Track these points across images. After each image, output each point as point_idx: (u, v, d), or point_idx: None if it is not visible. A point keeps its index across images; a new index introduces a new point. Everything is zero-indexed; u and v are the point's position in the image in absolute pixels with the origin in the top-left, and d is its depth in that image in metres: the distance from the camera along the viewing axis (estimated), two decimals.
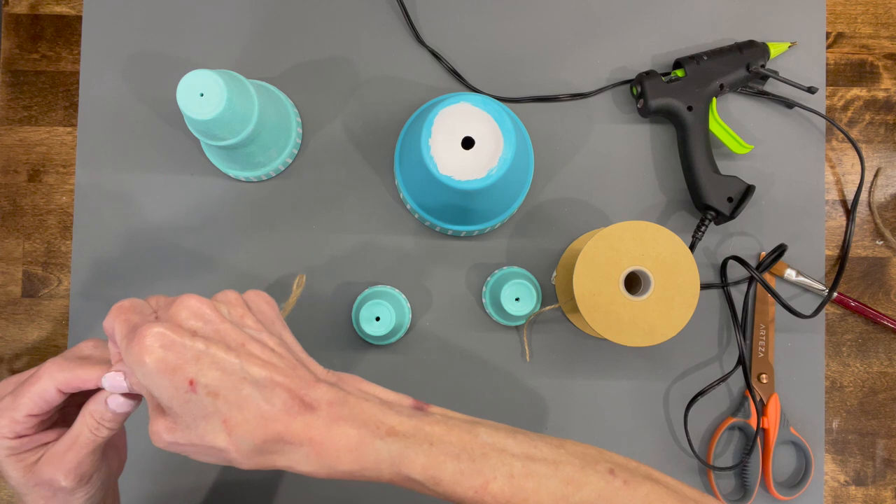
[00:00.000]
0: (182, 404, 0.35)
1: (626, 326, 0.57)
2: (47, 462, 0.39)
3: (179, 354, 0.35)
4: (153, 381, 0.35)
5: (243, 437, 0.35)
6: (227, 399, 0.35)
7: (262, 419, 0.35)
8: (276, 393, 0.36)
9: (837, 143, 0.69)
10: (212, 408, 0.35)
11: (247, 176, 0.65)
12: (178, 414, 0.35)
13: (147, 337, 0.35)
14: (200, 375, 0.35)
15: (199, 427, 0.35)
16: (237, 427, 0.35)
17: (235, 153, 0.60)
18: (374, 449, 0.36)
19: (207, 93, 0.53)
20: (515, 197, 0.64)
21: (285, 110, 0.64)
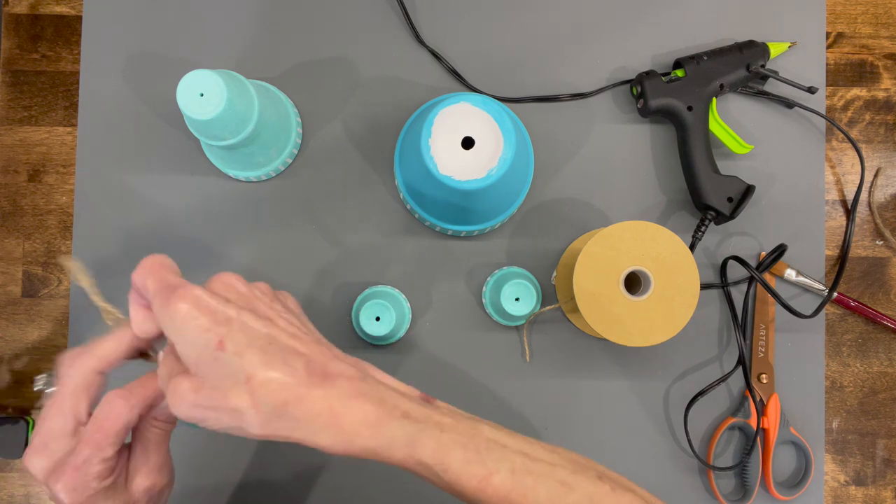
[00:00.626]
0: (209, 362, 0.36)
1: (626, 326, 0.57)
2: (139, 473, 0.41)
3: (212, 316, 0.36)
4: (185, 336, 0.36)
5: (265, 397, 0.35)
6: (252, 360, 0.36)
7: (284, 383, 0.36)
8: (299, 360, 0.37)
9: (837, 143, 0.69)
10: (237, 366, 0.36)
11: (247, 176, 0.65)
12: (205, 373, 0.36)
13: (185, 297, 0.36)
14: (229, 337, 0.36)
15: (224, 386, 0.36)
16: (260, 387, 0.35)
17: (235, 153, 0.60)
18: (390, 428, 0.37)
19: (207, 93, 0.53)
20: (515, 197, 0.64)
21: (285, 110, 0.64)
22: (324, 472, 0.65)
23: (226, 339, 0.36)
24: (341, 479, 0.65)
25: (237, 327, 0.36)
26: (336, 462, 0.65)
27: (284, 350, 0.37)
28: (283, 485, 0.65)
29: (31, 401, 0.66)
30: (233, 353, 0.36)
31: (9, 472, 0.66)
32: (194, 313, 0.36)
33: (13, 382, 0.66)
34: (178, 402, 0.36)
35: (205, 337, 0.36)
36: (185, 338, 0.36)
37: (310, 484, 0.65)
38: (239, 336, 0.36)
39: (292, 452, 0.65)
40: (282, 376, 0.36)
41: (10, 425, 0.64)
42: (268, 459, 0.65)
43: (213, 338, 0.36)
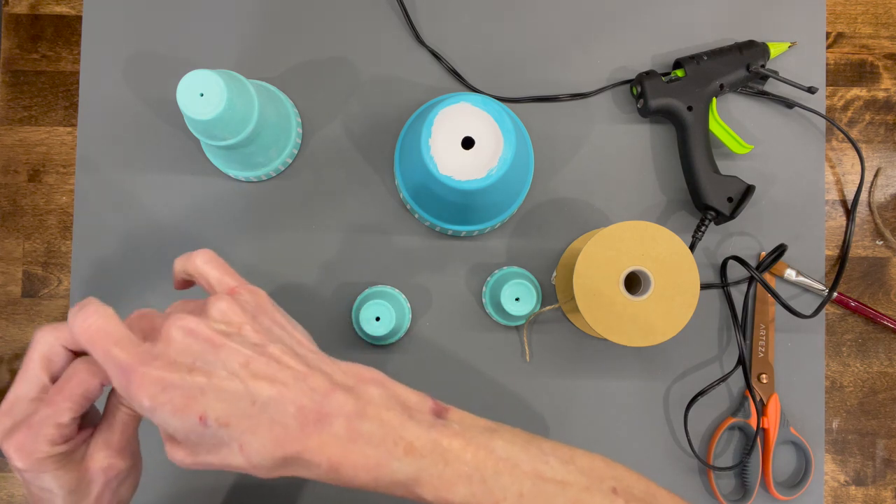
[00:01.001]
0: (197, 437, 0.35)
1: (626, 326, 0.57)
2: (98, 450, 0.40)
3: (183, 393, 0.34)
4: (164, 420, 0.35)
5: (260, 459, 0.35)
6: (238, 426, 0.34)
7: (275, 443, 0.35)
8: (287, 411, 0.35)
9: (837, 143, 0.69)
10: (227, 437, 0.35)
11: (247, 176, 0.65)
12: (196, 444, 0.35)
13: (145, 383, 0.34)
14: (209, 409, 0.34)
15: (220, 453, 0.35)
16: (253, 451, 0.34)
17: (235, 153, 0.60)
18: (390, 470, 0.36)
19: (207, 93, 0.53)
20: (515, 197, 0.64)
21: (285, 110, 0.64)
22: None
23: (206, 414, 0.34)
24: None
25: (212, 396, 0.34)
26: None
27: (269, 406, 0.35)
28: (279, 484, 0.65)
29: None
30: (217, 426, 0.34)
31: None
32: (163, 398, 0.34)
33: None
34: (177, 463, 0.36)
35: (184, 417, 0.34)
36: (164, 421, 0.35)
37: (306, 484, 0.65)
38: (217, 405, 0.34)
39: None
40: (272, 438, 0.34)
41: None
42: None
43: (191, 417, 0.34)
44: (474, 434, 0.38)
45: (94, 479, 0.40)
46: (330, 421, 0.35)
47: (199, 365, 0.35)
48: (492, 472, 0.37)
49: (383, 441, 0.36)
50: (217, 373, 0.35)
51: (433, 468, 0.36)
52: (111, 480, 0.40)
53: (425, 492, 0.36)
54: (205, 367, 0.35)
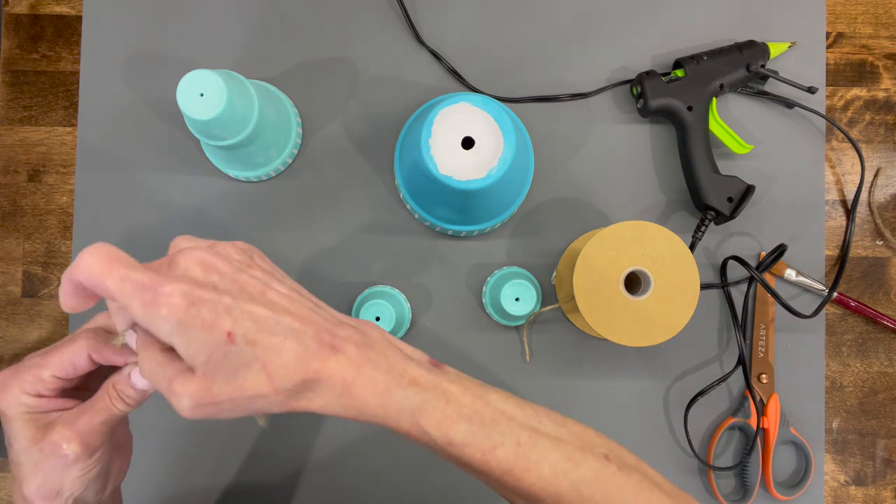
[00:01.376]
0: (221, 357, 0.34)
1: (626, 326, 0.57)
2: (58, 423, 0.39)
3: (210, 307, 0.34)
4: (190, 338, 0.34)
5: (283, 379, 0.34)
6: (264, 346, 0.34)
7: (298, 361, 0.35)
8: (307, 335, 0.35)
9: (837, 143, 0.69)
10: (251, 356, 0.34)
11: (247, 176, 0.65)
12: (216, 368, 0.34)
13: (174, 296, 0.34)
14: (237, 327, 0.34)
15: (239, 377, 0.34)
16: (277, 371, 0.34)
17: (235, 153, 0.60)
18: (397, 397, 0.36)
19: (207, 93, 0.53)
20: (515, 197, 0.64)
21: (285, 110, 0.64)
22: (316, 473, 0.65)
23: (234, 330, 0.34)
24: (335, 480, 0.65)
25: (239, 314, 0.34)
26: (330, 462, 0.65)
27: (290, 328, 0.35)
28: (273, 486, 0.65)
29: None
30: (244, 343, 0.34)
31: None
32: (192, 311, 0.34)
33: None
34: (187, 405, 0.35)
35: (211, 334, 0.34)
36: (189, 339, 0.34)
37: (302, 485, 0.65)
38: (245, 324, 0.34)
39: (284, 453, 0.65)
40: (296, 356, 0.35)
41: None
42: (259, 461, 0.65)
43: (219, 333, 0.34)
44: (470, 385, 0.39)
45: (44, 450, 0.39)
46: (343, 346, 0.36)
47: (223, 289, 0.35)
48: (490, 419, 0.38)
49: (390, 370, 0.37)
50: (241, 297, 0.35)
51: (436, 402, 0.37)
52: (57, 461, 0.39)
53: (429, 423, 0.37)
54: (228, 291, 0.35)
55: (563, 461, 0.38)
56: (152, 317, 0.34)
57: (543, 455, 0.38)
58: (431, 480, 0.65)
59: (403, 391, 0.37)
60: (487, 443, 0.37)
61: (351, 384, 0.36)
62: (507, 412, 0.39)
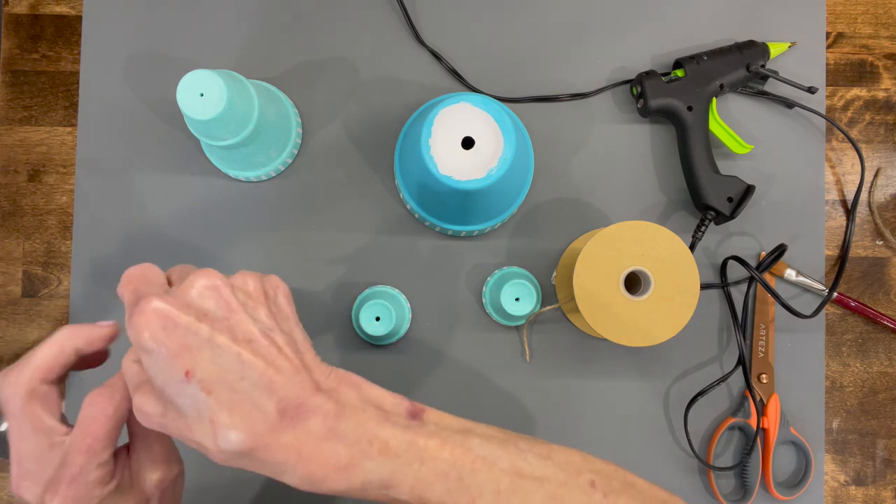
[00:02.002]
0: (175, 392, 0.33)
1: (626, 326, 0.57)
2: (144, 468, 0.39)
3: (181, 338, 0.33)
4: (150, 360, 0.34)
5: (226, 443, 0.33)
6: (219, 398, 0.33)
7: (251, 427, 0.33)
8: (271, 398, 0.34)
9: (837, 143, 0.69)
10: (203, 404, 0.33)
11: (247, 176, 0.65)
12: (169, 400, 0.34)
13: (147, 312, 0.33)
14: (198, 368, 0.33)
15: (188, 416, 0.34)
16: (223, 431, 0.33)
17: (235, 153, 0.60)
18: (363, 470, 0.35)
19: (207, 93, 0.53)
20: (515, 197, 0.64)
21: (285, 110, 0.64)
22: None
23: (194, 370, 0.33)
24: None
25: (207, 355, 0.33)
26: None
27: (257, 387, 0.34)
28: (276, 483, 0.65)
29: None
30: (199, 387, 0.33)
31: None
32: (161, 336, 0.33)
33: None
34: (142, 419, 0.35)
35: (172, 364, 0.33)
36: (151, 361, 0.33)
37: None
38: (208, 367, 0.33)
39: None
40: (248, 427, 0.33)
41: None
42: None
43: (179, 366, 0.33)
44: (450, 434, 0.38)
45: (151, 496, 0.39)
46: (308, 417, 0.35)
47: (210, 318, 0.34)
48: (468, 470, 0.37)
49: (358, 441, 0.35)
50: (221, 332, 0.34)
51: (408, 468, 0.36)
52: (166, 490, 0.39)
53: (400, 492, 0.36)
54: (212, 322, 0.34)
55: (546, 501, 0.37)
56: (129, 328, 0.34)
57: (525, 498, 0.37)
58: None
59: (371, 462, 0.35)
60: (466, 497, 0.36)
61: (308, 458, 0.34)
62: (490, 457, 0.37)
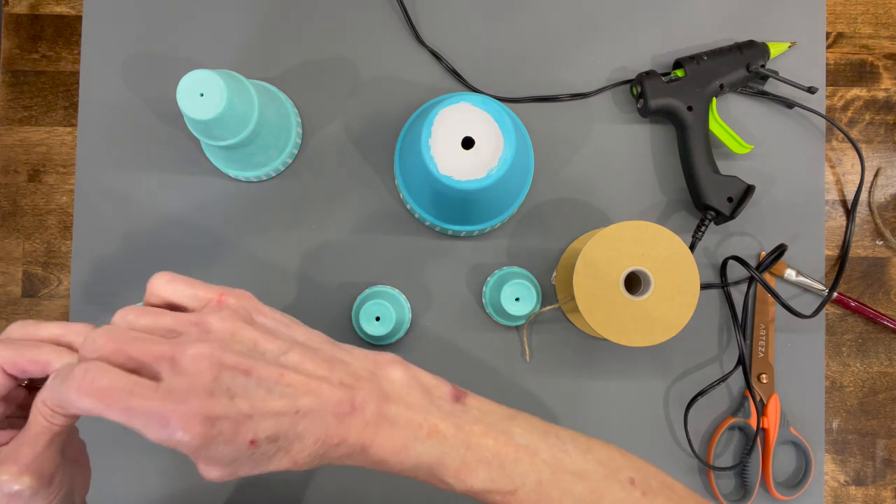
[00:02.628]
0: (246, 461, 0.34)
1: (626, 326, 0.57)
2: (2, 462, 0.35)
3: (232, 423, 0.33)
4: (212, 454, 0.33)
5: (306, 458, 0.35)
6: (287, 438, 0.34)
7: (319, 441, 0.35)
8: (327, 412, 0.35)
9: (837, 143, 0.69)
10: (275, 449, 0.34)
11: (247, 176, 0.65)
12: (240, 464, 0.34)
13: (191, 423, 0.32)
14: (259, 432, 0.33)
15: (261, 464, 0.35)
16: (299, 454, 0.35)
17: (235, 153, 0.60)
18: (415, 452, 0.36)
19: (207, 93, 0.53)
20: (515, 197, 0.64)
21: (285, 110, 0.64)
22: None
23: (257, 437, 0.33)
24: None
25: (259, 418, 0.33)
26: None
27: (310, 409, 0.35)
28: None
29: None
30: (267, 443, 0.34)
31: None
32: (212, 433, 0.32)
33: None
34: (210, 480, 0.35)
35: (234, 446, 0.33)
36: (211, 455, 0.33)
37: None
38: (267, 425, 0.33)
39: None
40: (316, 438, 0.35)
41: None
42: None
43: (242, 443, 0.33)
44: (493, 420, 0.38)
45: None
46: (362, 408, 0.36)
47: (237, 391, 0.33)
48: (511, 459, 0.37)
49: (408, 424, 0.36)
50: (257, 394, 0.34)
51: (455, 452, 0.37)
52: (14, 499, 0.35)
53: (447, 475, 0.37)
54: (244, 391, 0.33)
55: (586, 495, 0.38)
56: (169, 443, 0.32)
57: (566, 491, 0.38)
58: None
59: (422, 444, 0.36)
60: (509, 486, 0.37)
61: (369, 446, 0.36)
62: (531, 447, 0.38)
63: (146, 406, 0.31)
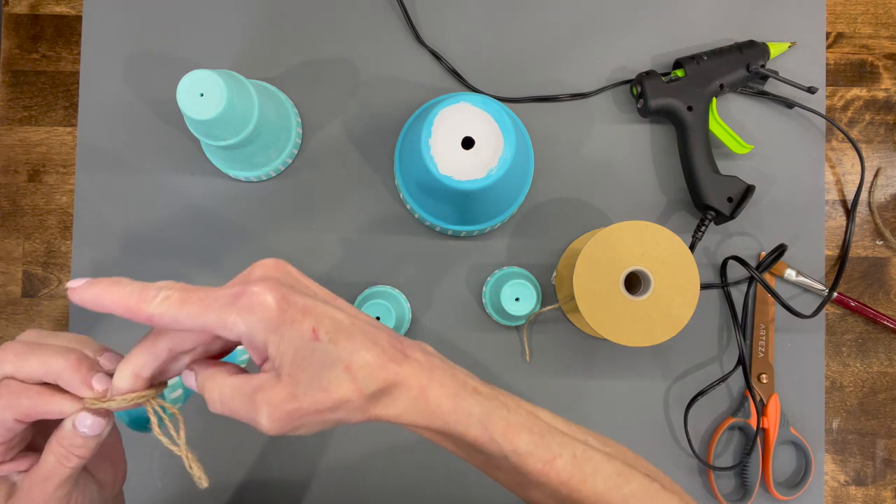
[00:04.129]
0: (307, 355, 0.34)
1: (626, 326, 0.57)
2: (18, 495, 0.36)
3: (297, 307, 0.34)
4: (282, 334, 0.33)
5: (366, 380, 0.34)
6: (346, 345, 0.34)
7: (379, 362, 0.35)
8: (380, 338, 0.36)
9: (837, 143, 0.69)
10: (334, 355, 0.34)
11: (247, 176, 0.65)
12: (302, 368, 0.34)
13: (263, 294, 0.33)
14: (320, 324, 0.34)
15: (324, 380, 0.34)
16: (360, 370, 0.34)
17: (235, 153, 0.60)
18: (466, 403, 0.37)
19: (207, 93, 0.53)
20: (515, 197, 0.64)
21: (285, 110, 0.64)
22: (327, 474, 0.65)
23: (318, 328, 0.34)
24: (342, 478, 0.65)
25: (321, 314, 0.35)
26: (339, 464, 0.65)
27: (365, 330, 0.36)
28: (286, 486, 0.65)
29: None
30: (327, 341, 0.34)
31: None
32: (283, 306, 0.33)
33: None
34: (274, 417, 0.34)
35: (299, 328, 0.34)
36: (282, 335, 0.34)
37: (311, 482, 0.65)
38: (327, 323, 0.34)
39: (297, 453, 0.65)
40: (376, 357, 0.35)
41: None
42: (270, 461, 0.65)
43: (306, 329, 0.34)
44: (520, 401, 0.40)
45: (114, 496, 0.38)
46: (412, 353, 0.37)
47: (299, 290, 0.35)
48: (546, 431, 0.39)
49: (454, 378, 0.38)
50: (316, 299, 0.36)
51: (498, 412, 0.38)
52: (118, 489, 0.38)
53: (496, 431, 0.37)
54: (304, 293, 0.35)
55: (614, 476, 0.39)
56: (247, 321, 0.33)
57: (597, 468, 0.39)
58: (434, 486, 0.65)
59: (472, 397, 0.37)
60: (548, 454, 0.38)
61: (426, 388, 0.36)
62: (559, 427, 0.40)
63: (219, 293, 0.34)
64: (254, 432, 0.65)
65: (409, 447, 0.65)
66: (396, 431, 0.65)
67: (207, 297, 0.34)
